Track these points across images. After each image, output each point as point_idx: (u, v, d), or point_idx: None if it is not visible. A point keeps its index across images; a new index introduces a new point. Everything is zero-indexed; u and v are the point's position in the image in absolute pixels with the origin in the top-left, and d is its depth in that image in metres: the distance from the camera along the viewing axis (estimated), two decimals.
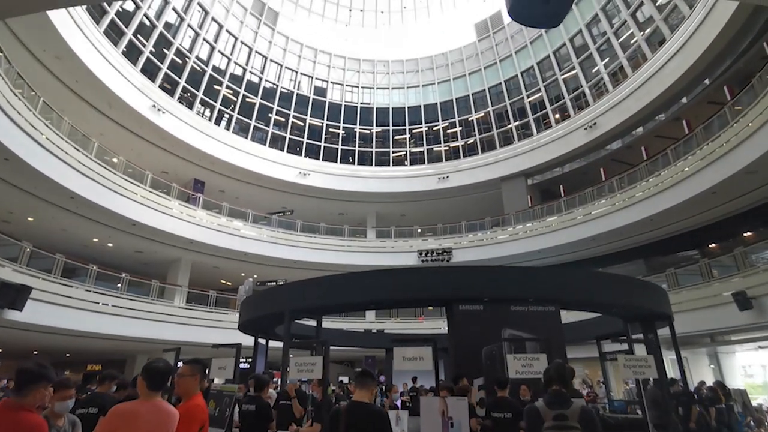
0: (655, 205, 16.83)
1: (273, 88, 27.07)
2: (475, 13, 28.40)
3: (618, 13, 21.37)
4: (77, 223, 17.15)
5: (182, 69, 22.18)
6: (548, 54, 24.89)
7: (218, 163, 22.80)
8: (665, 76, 18.31)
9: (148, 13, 20.35)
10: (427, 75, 29.60)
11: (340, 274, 8.36)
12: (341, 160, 27.53)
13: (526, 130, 25.49)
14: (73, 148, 15.14)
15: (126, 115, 18.87)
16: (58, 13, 14.81)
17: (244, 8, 25.77)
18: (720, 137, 14.11)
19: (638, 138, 20.73)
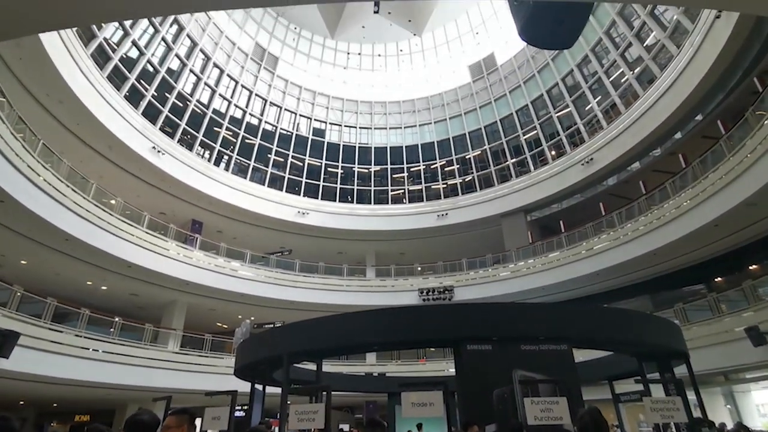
0: (656, 240, 16.68)
1: (272, 130, 27.48)
2: (469, 56, 29.35)
3: (607, 54, 22.09)
4: (71, 266, 16.80)
5: (183, 112, 22.54)
6: (541, 93, 25.50)
7: (217, 204, 22.74)
8: (658, 113, 18.66)
9: (152, 59, 20.90)
10: (424, 115, 30.20)
11: (341, 314, 8.02)
12: (340, 198, 27.55)
13: (523, 167, 25.70)
14: (71, 190, 15.04)
15: (126, 157, 18.96)
16: (63, 59, 15.14)
17: (245, 54, 26.57)
18: (717, 170, 14.15)
19: (635, 173, 20.87)
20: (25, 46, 13.70)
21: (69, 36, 15.39)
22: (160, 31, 20.93)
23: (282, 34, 28.81)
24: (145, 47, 20.31)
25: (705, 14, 15.41)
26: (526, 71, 26.34)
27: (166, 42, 21.56)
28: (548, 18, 2.56)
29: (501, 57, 27.82)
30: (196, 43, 23.27)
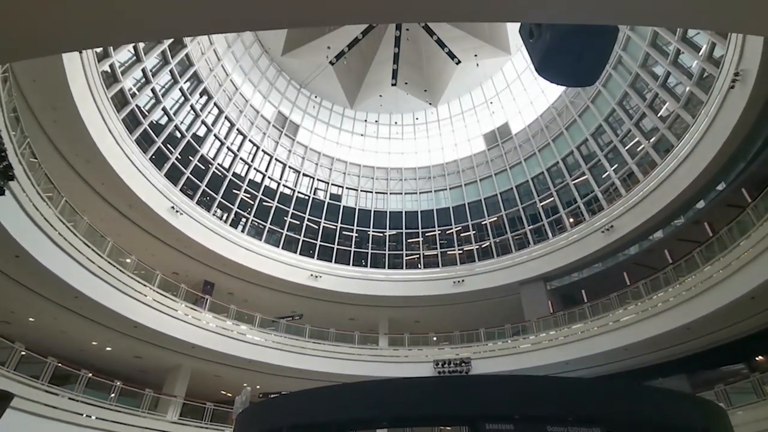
0: (688, 313, 15.61)
1: (290, 193, 27.97)
2: (483, 125, 30.15)
3: (621, 124, 22.32)
4: (78, 325, 16.46)
5: (204, 174, 23.21)
6: (557, 161, 25.63)
7: (230, 265, 22.61)
8: (678, 180, 18.34)
9: (180, 125, 21.95)
10: (439, 181, 30.50)
11: (347, 384, 7.37)
12: (354, 262, 27.18)
13: (541, 235, 25.20)
14: (87, 247, 15.13)
15: (145, 216, 19.29)
16: (96, 123, 15.96)
17: (268, 121, 27.83)
18: (750, 238, 13.48)
19: (659, 242, 20.16)
20: (61, 110, 14.54)
21: (103, 102, 16.33)
22: (189, 100, 22.18)
23: (304, 104, 30.30)
24: (174, 114, 21.41)
25: (719, 84, 15.58)
26: (541, 140, 26.73)
27: (194, 110, 22.75)
28: (567, 53, 2.41)
29: (515, 126, 28.47)
30: (222, 110, 24.51)
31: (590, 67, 2.47)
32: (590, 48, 2.33)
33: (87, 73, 14.94)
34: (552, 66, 2.57)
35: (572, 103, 24.83)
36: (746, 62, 13.77)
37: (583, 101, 24.10)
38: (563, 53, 2.36)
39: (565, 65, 2.48)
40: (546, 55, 2.49)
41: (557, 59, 2.48)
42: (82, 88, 14.97)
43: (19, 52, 3.26)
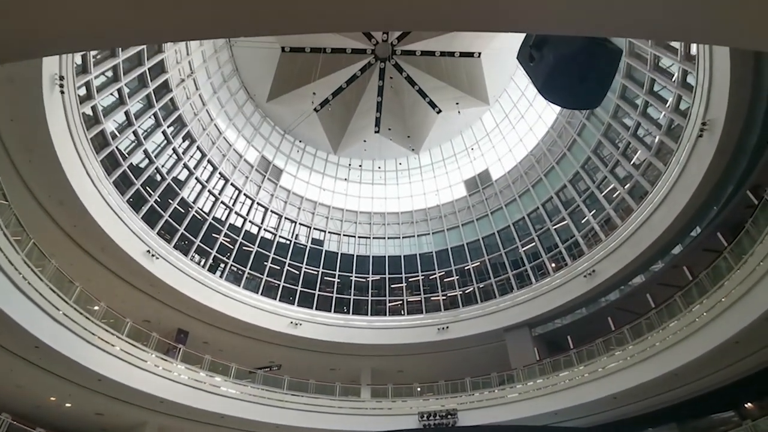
0: (674, 359, 15.42)
1: (271, 238, 27.50)
2: (464, 171, 30.79)
3: (597, 171, 23.06)
4: (37, 378, 15.15)
5: (184, 217, 22.70)
6: (537, 206, 26.11)
7: (206, 312, 21.68)
8: (654, 226, 18.79)
9: (161, 167, 21.66)
10: (422, 226, 30.57)
11: None
12: (335, 309, 26.44)
13: (524, 280, 25.17)
14: (53, 293, 14.28)
15: (118, 260, 18.52)
16: (73, 164, 15.58)
17: (251, 165, 27.80)
18: (730, 280, 13.64)
19: (641, 286, 20.31)
20: (38, 150, 14.18)
21: (82, 143, 16.05)
22: (172, 143, 22.05)
23: (288, 149, 30.52)
24: (156, 156, 21.18)
25: (687, 133, 16.34)
26: (521, 186, 27.32)
27: (177, 153, 22.59)
28: (570, 75, 2.38)
29: (495, 172, 29.14)
30: (205, 154, 24.41)
31: (593, 88, 2.45)
32: (593, 69, 2.31)
33: (68, 114, 14.75)
34: (555, 88, 2.54)
35: (550, 150, 25.68)
36: (713, 112, 14.54)
37: (560, 149, 24.96)
38: (566, 74, 2.34)
39: (568, 87, 2.45)
40: (549, 77, 2.47)
41: (560, 81, 2.46)
42: (62, 128, 14.72)
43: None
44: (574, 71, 2.40)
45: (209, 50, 24.18)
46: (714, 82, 14.17)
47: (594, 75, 2.39)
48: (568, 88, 2.54)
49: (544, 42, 2.66)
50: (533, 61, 2.70)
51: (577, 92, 2.52)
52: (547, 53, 2.55)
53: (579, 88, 2.48)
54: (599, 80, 2.46)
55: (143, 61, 18.83)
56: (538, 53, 2.64)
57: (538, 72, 2.59)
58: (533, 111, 27.20)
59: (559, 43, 2.57)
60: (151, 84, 19.75)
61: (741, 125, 14.15)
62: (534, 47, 2.73)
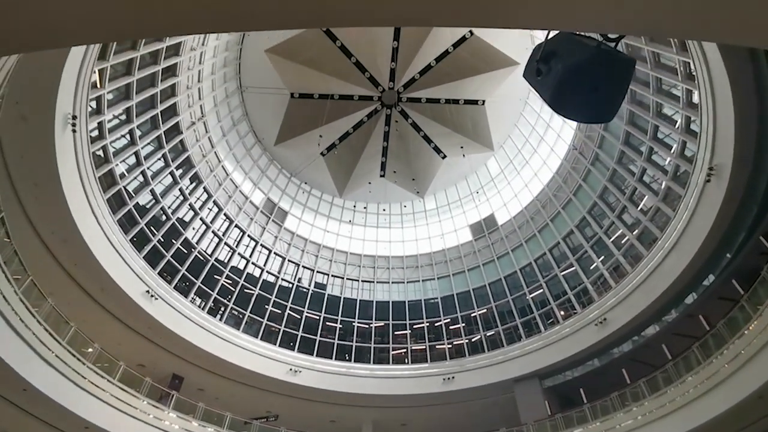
0: (694, 416, 14.52)
1: (273, 281, 27.07)
2: (470, 216, 30.66)
3: (604, 217, 22.82)
4: (20, 424, 14.44)
5: (186, 258, 22.48)
6: (544, 252, 25.69)
7: (203, 357, 20.96)
8: (666, 272, 18.28)
9: (166, 208, 21.73)
10: (427, 271, 30.06)
11: None
12: (337, 356, 25.50)
13: (532, 329, 24.33)
14: (46, 333, 13.86)
15: (117, 300, 18.16)
16: (79, 202, 15.62)
17: (256, 207, 27.88)
18: (751, 329, 13.01)
19: (656, 336, 19.50)
20: (45, 187, 14.25)
21: (90, 182, 16.16)
22: (179, 183, 22.25)
23: (293, 192, 30.72)
24: (162, 196, 21.30)
25: (695, 179, 16.22)
26: (527, 231, 27.05)
27: (183, 193, 22.74)
28: (581, 85, 2.25)
29: (501, 217, 28.98)
30: (211, 194, 24.56)
31: (606, 99, 2.30)
32: (605, 79, 2.19)
33: (78, 153, 14.96)
34: (565, 99, 2.40)
35: (555, 196, 25.62)
36: (719, 157, 14.50)
37: (566, 194, 24.89)
38: (578, 84, 2.21)
39: (579, 98, 2.31)
40: (559, 88, 2.33)
41: (571, 92, 2.32)
42: (71, 167, 14.89)
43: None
44: (585, 81, 2.28)
45: (221, 95, 24.96)
46: (719, 128, 14.23)
47: (606, 85, 2.28)
48: (579, 99, 2.40)
49: (552, 55, 2.57)
50: (540, 74, 2.60)
51: (590, 103, 2.39)
52: (554, 65, 2.45)
53: (591, 98, 2.35)
54: (612, 91, 2.33)
55: (156, 104, 19.37)
56: (546, 66, 2.54)
57: (546, 84, 2.48)
58: (538, 157, 27.43)
59: (567, 53, 2.47)
60: (162, 126, 20.20)
61: (749, 170, 14.06)
62: (541, 61, 2.64)
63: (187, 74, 20.80)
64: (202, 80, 22.50)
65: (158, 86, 18.83)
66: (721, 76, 12.74)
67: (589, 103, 2.38)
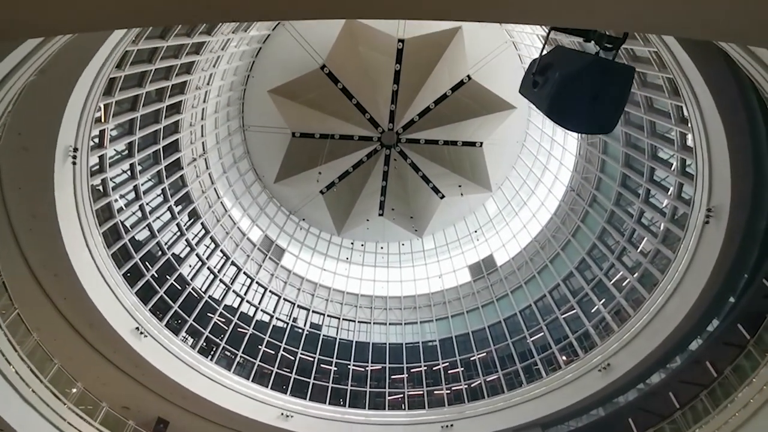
0: None
1: (267, 320, 26.42)
2: (468, 256, 30.40)
3: (605, 259, 22.58)
4: None
5: (179, 294, 22.03)
6: (544, 294, 25.26)
7: (190, 399, 20.09)
8: (669, 316, 17.86)
9: (162, 243, 21.52)
10: (425, 312, 29.44)
11: None
12: (330, 400, 24.48)
13: (533, 375, 23.51)
14: (27, 369, 13.32)
15: (104, 337, 17.61)
16: (74, 235, 15.47)
17: (254, 244, 27.67)
18: (760, 375, 12.53)
19: (662, 384, 18.78)
20: (40, 219, 14.15)
21: (87, 215, 16.07)
22: (176, 218, 22.17)
23: (291, 230, 30.61)
24: (159, 231, 21.15)
25: (693, 221, 16.17)
26: (526, 272, 26.73)
27: (180, 228, 22.60)
28: (580, 92, 2.19)
29: (500, 258, 28.72)
30: (208, 230, 24.43)
31: (606, 109, 2.24)
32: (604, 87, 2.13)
33: (76, 185, 14.97)
34: (564, 108, 2.34)
35: (554, 237, 25.51)
36: (716, 199, 14.52)
37: (564, 236, 24.79)
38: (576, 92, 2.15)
39: (578, 106, 2.25)
40: (556, 96, 2.27)
41: (569, 100, 2.26)
42: (68, 199, 14.86)
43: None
44: (584, 89, 2.24)
45: (223, 133, 25.40)
46: (714, 170, 14.34)
47: (606, 93, 2.23)
48: (578, 108, 2.34)
49: (548, 66, 2.55)
50: (537, 86, 2.57)
51: (589, 112, 2.33)
52: (551, 74, 2.41)
53: (590, 107, 2.29)
54: (612, 99, 2.28)
55: (159, 139, 19.63)
56: (542, 77, 2.51)
57: (544, 94, 2.43)
58: (536, 198, 27.57)
59: (564, 63, 2.45)
60: (163, 161, 20.39)
61: (747, 211, 14.03)
62: (537, 73, 2.61)
63: (191, 112, 21.23)
64: (206, 118, 22.96)
65: (162, 122, 19.15)
66: (713, 118, 12.98)
67: (589, 112, 2.32)
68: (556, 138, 25.42)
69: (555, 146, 25.70)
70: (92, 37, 11.25)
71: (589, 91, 2.22)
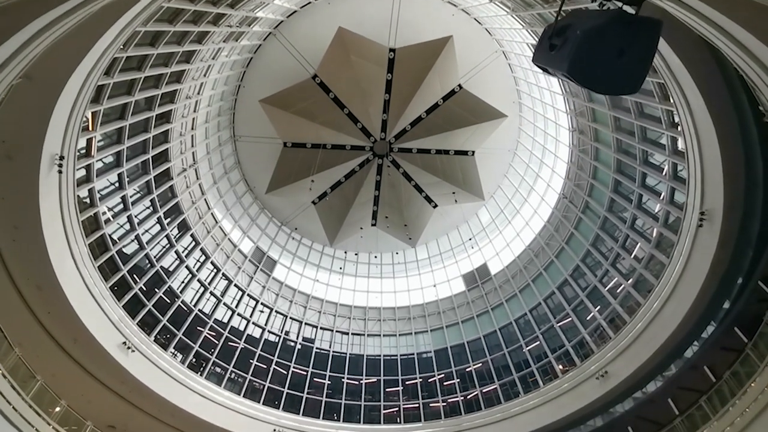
0: None
1: (259, 334, 25.88)
2: (462, 265, 30.20)
3: (599, 265, 22.51)
4: None
5: (168, 308, 21.51)
6: (539, 302, 25.10)
7: (181, 416, 19.48)
8: (666, 321, 17.75)
9: (150, 254, 21.03)
10: (420, 323, 29.07)
11: None
12: (324, 415, 23.93)
13: (530, 385, 23.21)
14: (9, 386, 12.75)
15: (90, 352, 17.05)
16: (59, 246, 15.02)
17: (245, 256, 27.24)
18: (761, 378, 12.41)
19: (660, 391, 18.59)
20: (24, 230, 13.72)
21: (72, 225, 15.63)
22: (165, 230, 21.73)
23: (283, 241, 30.22)
24: (147, 242, 20.69)
25: (686, 225, 16.18)
26: (521, 281, 26.58)
27: (170, 240, 22.15)
28: (604, 47, 2.03)
29: (494, 267, 28.56)
30: (198, 242, 24.00)
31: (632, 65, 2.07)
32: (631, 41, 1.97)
33: (62, 195, 14.58)
34: (586, 66, 2.17)
35: (548, 244, 25.46)
36: (709, 202, 14.55)
37: (558, 243, 24.75)
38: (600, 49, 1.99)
39: (603, 64, 2.08)
40: (577, 53, 2.10)
41: (593, 57, 2.09)
42: (53, 209, 14.45)
43: None
44: (608, 44, 2.07)
45: (214, 143, 25.15)
46: (706, 173, 14.39)
47: (631, 49, 2.07)
48: (601, 66, 2.17)
49: (566, 27, 2.38)
50: (554, 49, 2.40)
51: (613, 71, 2.16)
52: (571, 34, 2.25)
53: (615, 65, 2.12)
54: (638, 55, 2.11)
55: (148, 149, 19.32)
56: (560, 38, 2.35)
57: (563, 54, 2.26)
58: (528, 206, 27.59)
59: (585, 21, 2.29)
60: (152, 171, 20.04)
61: (740, 214, 14.07)
62: (555, 35, 2.45)
63: (181, 121, 20.99)
64: (196, 128, 22.72)
65: (151, 132, 18.87)
66: (705, 122, 13.06)
67: (613, 70, 2.16)
68: (548, 146, 25.57)
69: (546, 154, 25.82)
70: (80, 42, 11.01)
71: (613, 47, 2.07)
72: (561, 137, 24.13)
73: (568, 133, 23.10)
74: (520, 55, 23.58)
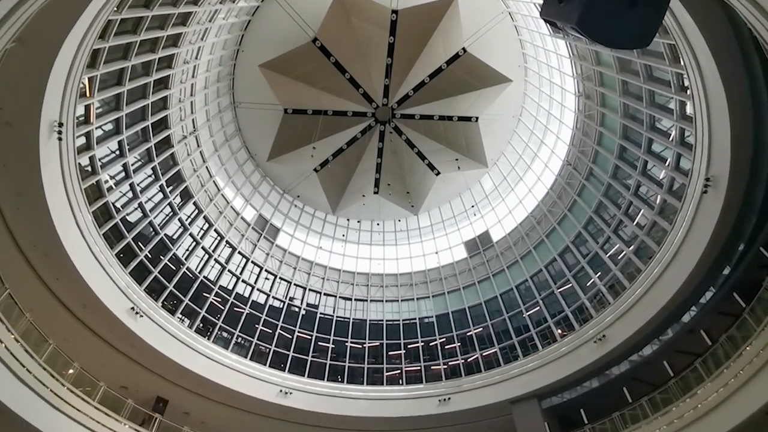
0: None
1: (263, 299, 26.35)
2: (464, 232, 30.34)
3: (601, 232, 22.56)
4: None
5: (174, 274, 21.82)
6: (540, 268, 25.32)
7: (190, 377, 20.10)
8: (665, 287, 17.95)
9: (154, 222, 21.17)
10: (422, 288, 29.49)
11: None
12: (329, 377, 24.66)
13: (530, 348, 23.74)
14: (22, 349, 13.12)
15: (99, 317, 17.42)
16: (63, 213, 15.11)
17: (248, 224, 27.36)
18: (755, 342, 12.66)
19: (656, 353, 19.01)
20: (27, 197, 13.77)
21: (75, 193, 15.66)
22: (168, 197, 21.77)
23: (286, 209, 30.28)
24: (151, 210, 20.79)
25: (691, 191, 16.09)
26: (522, 247, 26.74)
27: (173, 207, 22.23)
28: None
29: (496, 234, 28.67)
30: (201, 210, 24.06)
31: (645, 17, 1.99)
32: None
33: (63, 162, 14.54)
34: (596, 18, 2.09)
35: (550, 211, 25.45)
36: (715, 168, 14.41)
37: (561, 210, 24.72)
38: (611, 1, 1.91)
39: (614, 15, 2.00)
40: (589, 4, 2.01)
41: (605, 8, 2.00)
42: (56, 176, 14.45)
43: None
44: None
45: (214, 109, 24.79)
46: (714, 139, 14.18)
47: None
48: (613, 17, 2.09)
49: None
50: (564, 0, 2.31)
51: (625, 22, 2.07)
52: None
53: (626, 16, 2.04)
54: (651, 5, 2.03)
55: (147, 116, 19.09)
56: None
57: (572, 6, 2.17)
58: (532, 173, 27.39)
59: None
60: (153, 138, 19.88)
61: (746, 180, 13.96)
62: None
63: (179, 87, 20.62)
64: (195, 94, 22.34)
65: (149, 98, 18.60)
66: (716, 86, 12.74)
67: (625, 21, 2.08)
68: (553, 112, 25.10)
69: (551, 120, 25.38)
70: (72, 3, 10.68)
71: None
72: (567, 102, 23.65)
73: (574, 98, 22.62)
74: (527, 16, 22.78)
